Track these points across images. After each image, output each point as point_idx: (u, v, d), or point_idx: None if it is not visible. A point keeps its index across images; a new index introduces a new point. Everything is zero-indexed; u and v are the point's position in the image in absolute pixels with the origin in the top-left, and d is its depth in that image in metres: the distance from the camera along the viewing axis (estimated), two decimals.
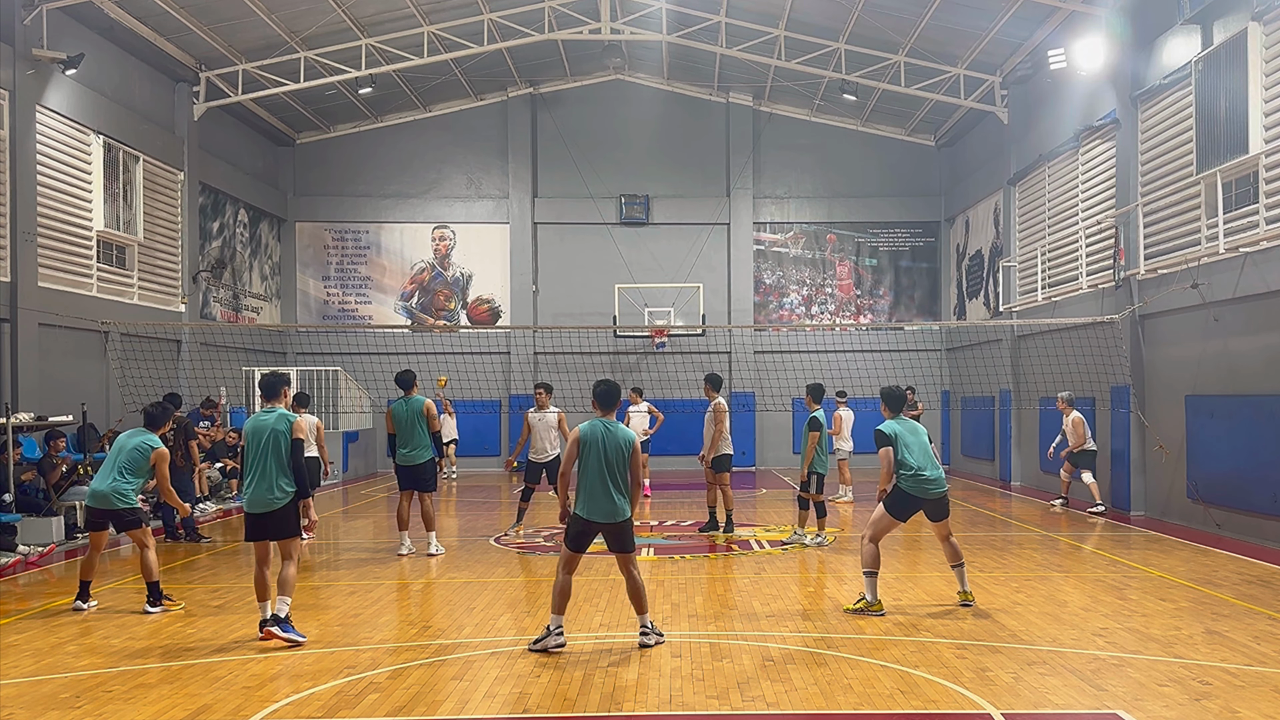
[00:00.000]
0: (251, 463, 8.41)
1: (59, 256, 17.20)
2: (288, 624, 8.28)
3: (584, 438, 8.06)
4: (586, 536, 8.09)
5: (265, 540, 8.52)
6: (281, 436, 8.37)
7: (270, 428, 8.40)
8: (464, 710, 6.48)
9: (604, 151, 27.41)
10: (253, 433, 8.45)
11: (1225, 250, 13.56)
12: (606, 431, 8.07)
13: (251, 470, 8.41)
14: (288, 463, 8.38)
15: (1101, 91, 17.44)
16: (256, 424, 8.48)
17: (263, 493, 8.36)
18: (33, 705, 6.67)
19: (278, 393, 8.68)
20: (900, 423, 9.38)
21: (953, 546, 9.46)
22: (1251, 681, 6.95)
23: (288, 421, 8.44)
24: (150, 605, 9.50)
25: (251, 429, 8.49)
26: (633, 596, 8.13)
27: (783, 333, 27.46)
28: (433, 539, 12.88)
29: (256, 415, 8.57)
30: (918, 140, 27.58)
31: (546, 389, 14.70)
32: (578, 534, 8.08)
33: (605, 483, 7.97)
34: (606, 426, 8.12)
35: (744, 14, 22.19)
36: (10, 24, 15.90)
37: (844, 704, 6.51)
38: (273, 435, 8.38)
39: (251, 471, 8.41)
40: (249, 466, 8.43)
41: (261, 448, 8.38)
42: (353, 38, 21.76)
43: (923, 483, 9.10)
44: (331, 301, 27.58)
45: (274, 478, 8.35)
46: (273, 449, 8.37)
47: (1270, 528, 12.85)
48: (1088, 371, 17.35)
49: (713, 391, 14.55)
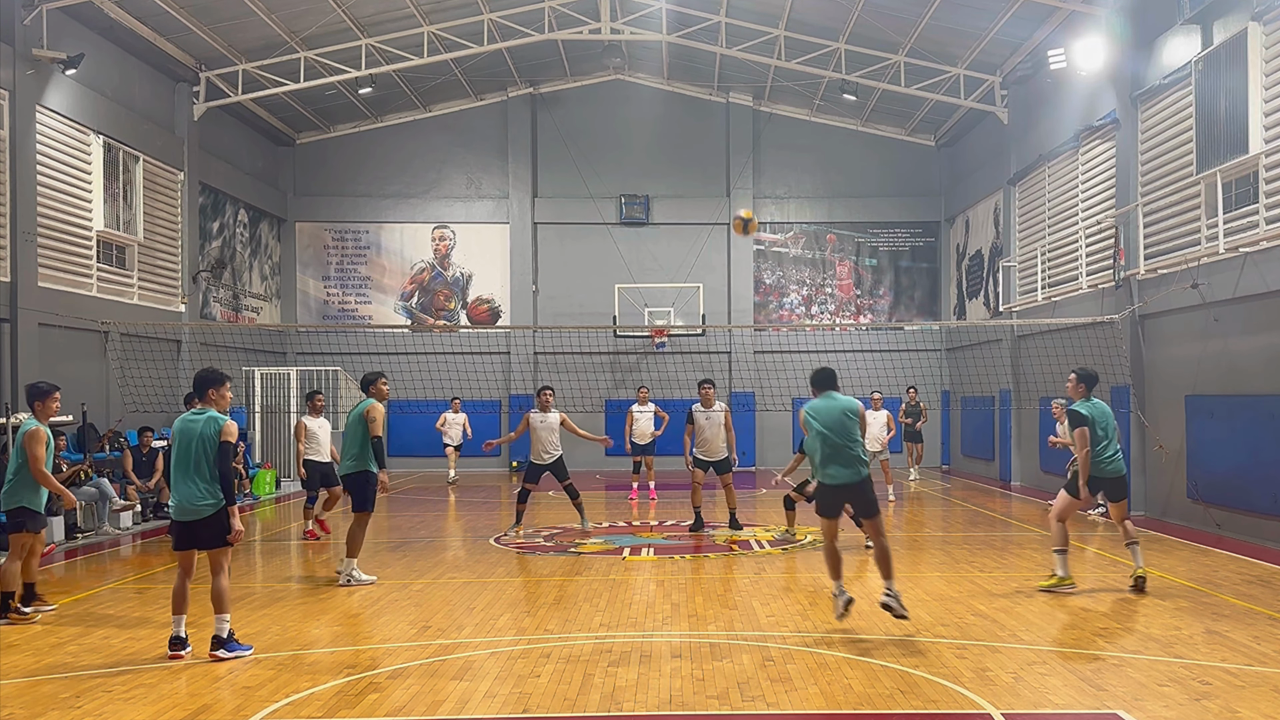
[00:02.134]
0: (179, 467, 7.97)
1: (59, 256, 17.20)
2: (232, 642, 7.85)
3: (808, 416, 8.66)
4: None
5: (192, 549, 8.03)
6: (209, 441, 7.91)
7: (198, 431, 7.94)
8: (464, 710, 6.48)
9: (604, 151, 27.42)
10: (180, 434, 7.99)
11: (1225, 250, 13.56)
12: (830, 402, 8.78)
13: (179, 475, 7.97)
14: (215, 468, 7.91)
15: (1101, 91, 17.44)
16: (185, 426, 8.01)
17: (191, 499, 7.91)
18: (33, 705, 6.66)
19: (205, 394, 8.16)
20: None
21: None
22: (1251, 681, 6.95)
23: (217, 425, 7.96)
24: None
25: (179, 431, 8.03)
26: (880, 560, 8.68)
27: (783, 333, 27.46)
28: (352, 565, 10.88)
29: (184, 417, 8.11)
30: (918, 140, 27.59)
31: (552, 391, 14.72)
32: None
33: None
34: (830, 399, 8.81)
35: (744, 14, 22.19)
36: (10, 24, 15.90)
37: (844, 704, 6.51)
38: (200, 439, 7.92)
39: (179, 477, 7.97)
40: (176, 471, 7.99)
41: (191, 452, 7.92)
42: (353, 38, 21.76)
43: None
44: (331, 301, 27.58)
45: (202, 484, 7.89)
46: (202, 453, 7.91)
47: (1270, 528, 12.85)
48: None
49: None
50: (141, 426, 17.05)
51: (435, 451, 23.64)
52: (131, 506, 15.57)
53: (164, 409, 18.93)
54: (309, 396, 15.08)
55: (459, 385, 24.37)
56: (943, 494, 20.13)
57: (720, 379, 26.94)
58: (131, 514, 15.65)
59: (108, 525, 14.86)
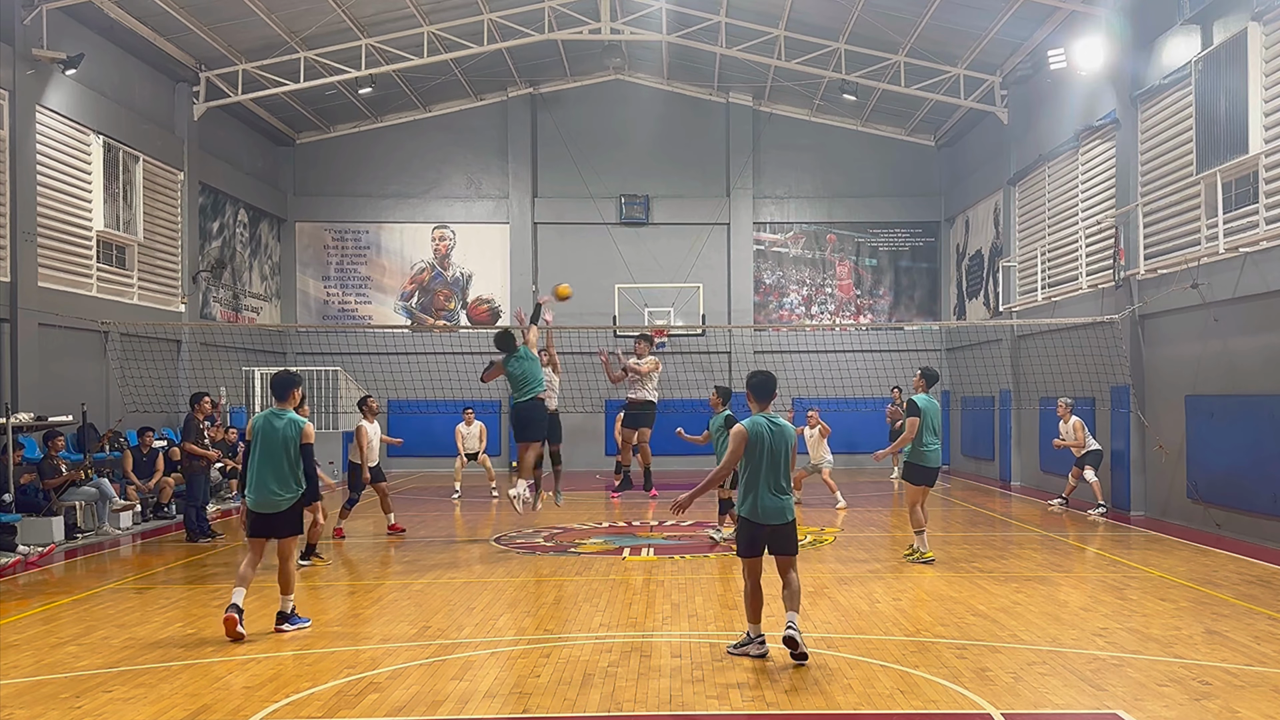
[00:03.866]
0: (261, 464, 8.53)
1: (59, 256, 17.20)
2: (294, 617, 8.68)
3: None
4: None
5: (266, 538, 8.67)
6: (291, 442, 8.55)
7: (281, 432, 8.55)
8: (464, 710, 6.48)
9: (604, 151, 27.41)
10: (263, 434, 8.57)
11: (1225, 250, 13.56)
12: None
13: (260, 471, 8.54)
14: (296, 466, 8.58)
15: (1101, 91, 17.44)
16: (267, 426, 8.59)
17: (270, 494, 8.55)
18: (33, 705, 6.67)
19: (287, 395, 8.79)
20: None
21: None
22: (1251, 681, 6.95)
23: (298, 427, 8.60)
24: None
25: (262, 430, 8.59)
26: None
27: (782, 333, 27.47)
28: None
29: (267, 416, 8.65)
30: (918, 140, 27.58)
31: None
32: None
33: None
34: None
35: (744, 14, 22.19)
36: (10, 24, 15.90)
37: (844, 704, 6.51)
38: (284, 440, 8.54)
39: (260, 473, 8.54)
40: (259, 467, 8.54)
41: (274, 450, 8.54)
42: (353, 38, 21.76)
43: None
44: (331, 301, 27.59)
45: (281, 480, 8.54)
46: (283, 452, 8.53)
47: (1270, 528, 12.84)
48: (1088, 371, 17.35)
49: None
50: (142, 427, 17.06)
51: (435, 451, 23.57)
52: (131, 507, 15.57)
53: (164, 409, 18.94)
54: (362, 401, 14.95)
55: (459, 385, 24.33)
56: (943, 494, 20.13)
57: (720, 379, 26.93)
58: (131, 514, 15.64)
59: (108, 525, 14.86)
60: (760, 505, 7.60)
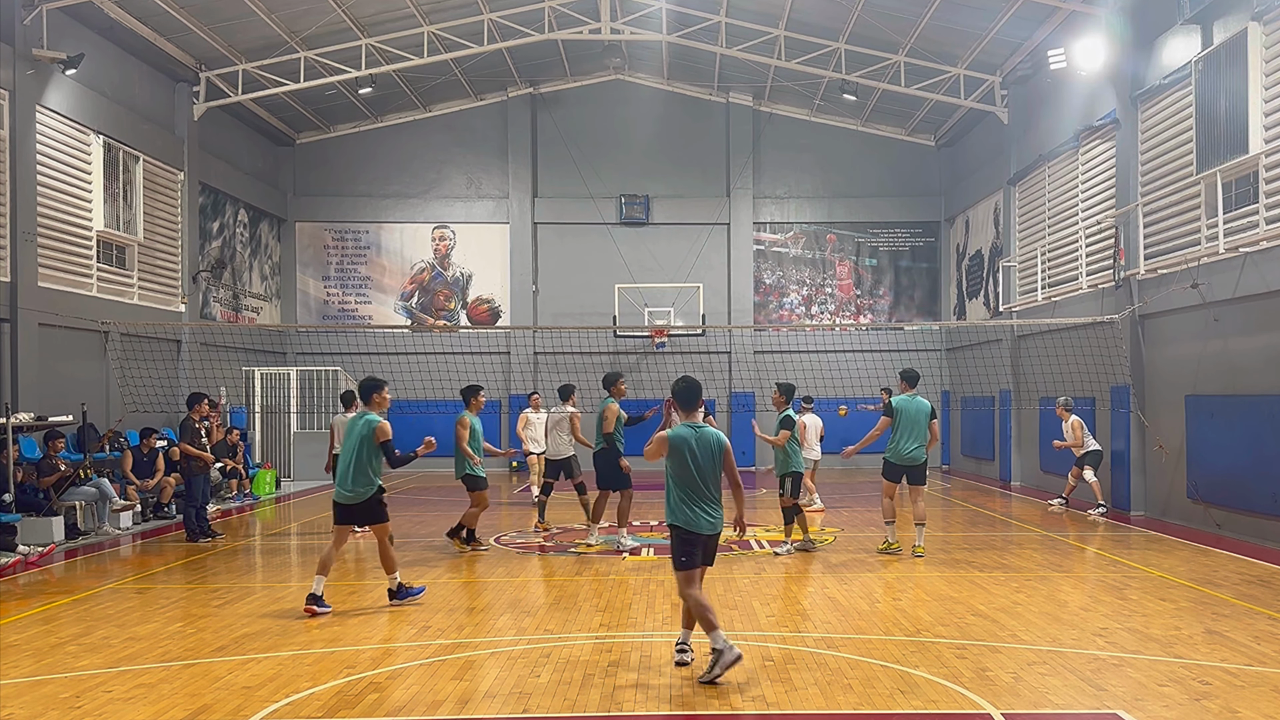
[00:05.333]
0: (343, 459, 9.62)
1: (59, 256, 17.20)
2: (404, 590, 9.70)
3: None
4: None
5: (349, 525, 9.71)
6: (366, 440, 9.49)
7: (358, 431, 9.53)
8: (464, 710, 6.48)
9: (604, 151, 27.42)
10: (347, 433, 9.65)
11: (1225, 250, 13.57)
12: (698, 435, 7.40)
13: (343, 466, 9.62)
14: (369, 462, 9.52)
15: (1101, 91, 17.44)
16: (351, 425, 9.66)
17: (349, 486, 9.55)
18: (33, 705, 6.66)
19: (369, 399, 9.76)
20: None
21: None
22: (1251, 681, 6.95)
23: (370, 426, 9.53)
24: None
25: (347, 430, 9.68)
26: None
27: (783, 333, 27.47)
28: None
29: (352, 418, 9.70)
30: (918, 140, 27.59)
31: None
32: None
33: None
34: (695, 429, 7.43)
35: (744, 14, 22.19)
36: (10, 24, 15.90)
37: (844, 704, 6.50)
38: (359, 438, 9.50)
39: (343, 467, 9.62)
40: (341, 462, 9.67)
41: (351, 448, 9.53)
42: (353, 38, 21.76)
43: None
44: (331, 301, 27.59)
45: (358, 474, 9.52)
46: (359, 449, 9.51)
47: (1270, 528, 12.85)
48: (1088, 371, 17.36)
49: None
50: (145, 428, 17.06)
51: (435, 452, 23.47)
52: (131, 506, 15.56)
53: (164, 409, 18.93)
54: (530, 395, 16.42)
55: (459, 385, 24.29)
56: (943, 494, 20.12)
57: (720, 379, 26.98)
58: (131, 514, 15.64)
59: (108, 525, 14.85)
60: (694, 516, 7.31)
